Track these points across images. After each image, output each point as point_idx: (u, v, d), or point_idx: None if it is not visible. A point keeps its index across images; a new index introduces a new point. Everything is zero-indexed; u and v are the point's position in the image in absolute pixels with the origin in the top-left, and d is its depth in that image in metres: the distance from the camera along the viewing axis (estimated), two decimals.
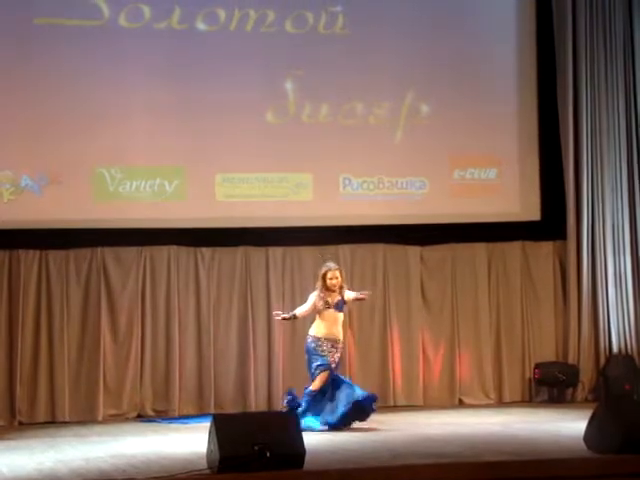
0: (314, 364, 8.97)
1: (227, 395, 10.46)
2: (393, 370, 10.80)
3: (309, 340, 9.07)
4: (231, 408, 10.35)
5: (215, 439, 6.67)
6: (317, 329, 9.06)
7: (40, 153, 10.15)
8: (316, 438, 8.24)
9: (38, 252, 10.23)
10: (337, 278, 9.09)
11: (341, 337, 9.12)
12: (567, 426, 8.76)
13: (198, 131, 10.47)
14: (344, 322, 9.29)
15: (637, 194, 11.13)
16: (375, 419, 9.12)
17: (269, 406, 10.50)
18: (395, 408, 10.57)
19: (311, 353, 9.03)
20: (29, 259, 10.20)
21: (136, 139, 10.35)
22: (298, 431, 6.90)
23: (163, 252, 10.48)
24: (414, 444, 8.02)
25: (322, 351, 8.98)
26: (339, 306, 9.10)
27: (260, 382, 10.53)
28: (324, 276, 9.12)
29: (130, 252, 10.40)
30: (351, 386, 9.02)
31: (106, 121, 10.26)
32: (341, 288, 9.12)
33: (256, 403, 10.47)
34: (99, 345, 10.22)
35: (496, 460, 7.08)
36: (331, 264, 9.24)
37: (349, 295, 9.16)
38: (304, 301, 9.29)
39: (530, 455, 7.30)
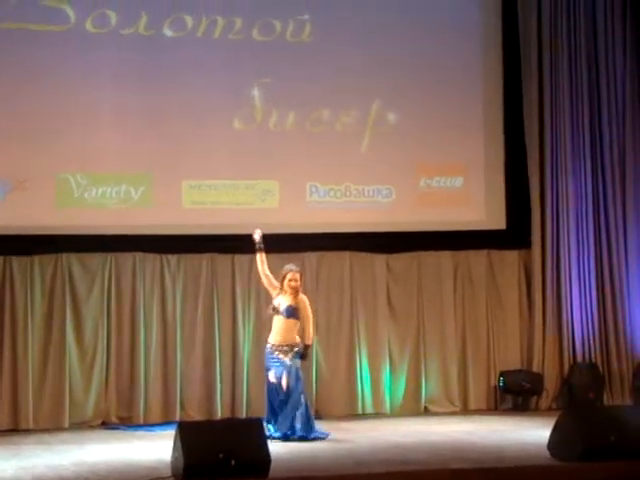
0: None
1: (192, 401, 10.43)
2: (360, 378, 10.80)
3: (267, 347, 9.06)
4: (197, 414, 10.34)
5: (180, 446, 6.69)
6: (271, 336, 9.05)
7: (3, 158, 10.07)
8: (281, 446, 8.22)
9: (1, 258, 10.14)
10: (297, 281, 9.06)
11: (294, 342, 9.04)
12: (531, 434, 8.84)
13: (165, 137, 10.44)
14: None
15: (601, 202, 11.20)
16: (341, 427, 9.15)
17: (233, 412, 10.47)
18: (362, 416, 10.58)
19: (266, 360, 9.01)
20: None
21: (102, 145, 10.29)
22: (263, 438, 6.90)
23: (129, 259, 10.44)
24: (380, 452, 8.05)
25: (273, 359, 8.95)
26: (289, 312, 9.03)
27: (225, 388, 10.50)
28: (284, 278, 9.09)
29: (95, 258, 10.35)
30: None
31: (72, 126, 10.20)
32: (297, 292, 9.07)
33: (222, 409, 10.44)
34: (64, 352, 10.15)
35: (461, 467, 7.10)
36: (292, 266, 9.22)
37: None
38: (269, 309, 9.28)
39: (495, 462, 7.36)
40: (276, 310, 9.05)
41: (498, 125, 11.25)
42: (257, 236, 9.25)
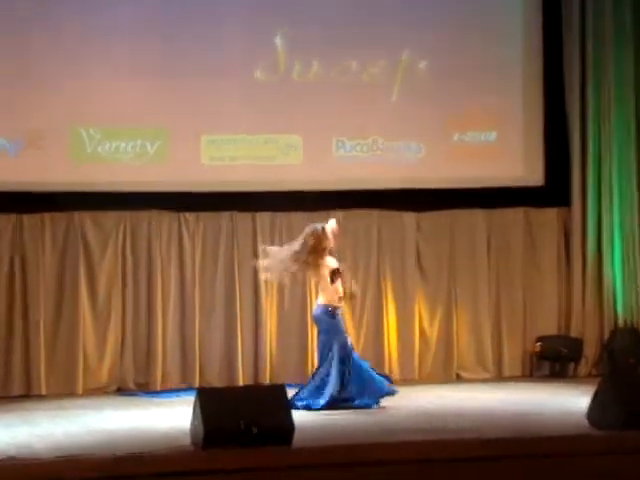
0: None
1: (212, 368, 10.48)
2: (388, 342, 10.83)
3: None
4: (217, 382, 10.37)
5: (199, 414, 6.70)
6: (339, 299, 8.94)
7: (15, 111, 10.08)
8: (306, 414, 8.26)
9: (13, 216, 10.19)
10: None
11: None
12: (569, 402, 8.82)
13: (182, 89, 10.42)
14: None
15: None
16: None
17: (256, 379, 10.51)
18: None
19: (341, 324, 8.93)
20: (2, 223, 10.17)
21: (117, 98, 10.29)
22: (286, 406, 6.91)
23: (144, 217, 10.46)
24: (407, 420, 8.06)
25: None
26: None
27: (247, 355, 10.54)
28: (325, 237, 8.90)
29: (110, 217, 10.38)
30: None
31: (86, 79, 10.19)
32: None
33: (243, 377, 10.47)
34: (77, 315, 10.20)
35: (496, 437, 7.11)
36: (331, 222, 9.09)
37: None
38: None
39: (531, 432, 7.34)
40: (340, 273, 9.00)
41: (537, 74, 11.12)
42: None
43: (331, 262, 8.97)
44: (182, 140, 10.47)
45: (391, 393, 8.85)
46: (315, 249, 8.89)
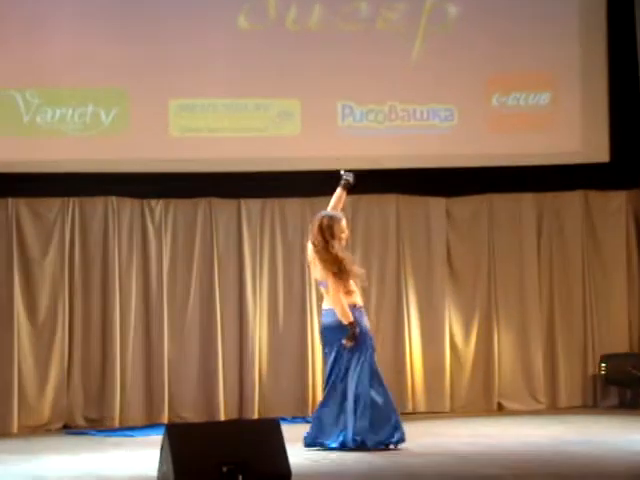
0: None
1: (185, 399, 10.52)
2: (411, 364, 10.86)
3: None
4: (191, 417, 10.42)
5: (169, 457, 6.69)
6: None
7: None
8: (305, 455, 8.25)
9: None
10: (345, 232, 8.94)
11: None
12: None
13: (145, 41, 10.45)
14: None
15: None
16: None
17: (241, 413, 10.54)
18: (413, 416, 10.61)
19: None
20: None
21: (61, 52, 10.32)
22: (281, 445, 6.90)
23: (98, 205, 10.49)
24: (437, 464, 8.04)
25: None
26: None
27: (230, 381, 10.56)
28: (334, 230, 8.77)
29: (52, 204, 10.41)
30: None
31: (20, 28, 10.22)
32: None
33: (225, 410, 10.50)
34: (11, 331, 10.22)
35: None
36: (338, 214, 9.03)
37: None
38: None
39: None
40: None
41: (600, 22, 11.14)
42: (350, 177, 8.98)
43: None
44: (145, 106, 10.49)
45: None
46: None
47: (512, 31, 10.99)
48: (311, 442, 8.61)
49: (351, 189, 8.88)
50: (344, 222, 8.72)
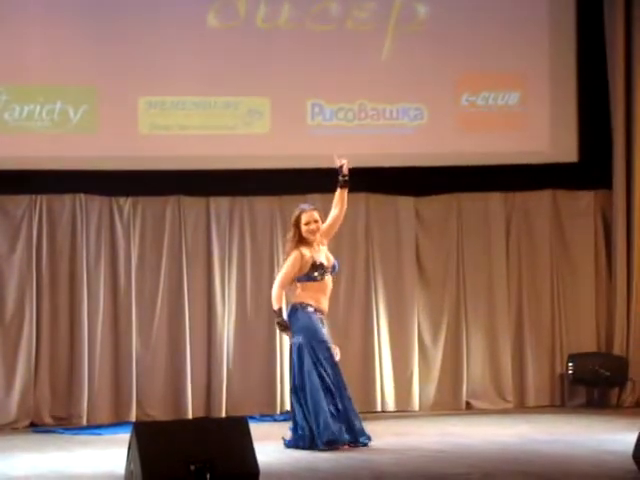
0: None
1: (153, 396, 10.50)
2: (380, 364, 10.85)
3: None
4: (159, 415, 10.40)
5: (136, 455, 6.68)
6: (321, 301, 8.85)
7: None
8: (273, 454, 8.25)
9: None
10: (317, 221, 8.92)
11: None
12: (611, 439, 8.83)
13: (116, 39, 10.44)
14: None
15: None
16: None
17: (209, 411, 10.54)
18: (382, 415, 10.64)
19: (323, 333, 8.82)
20: None
21: (30, 49, 10.30)
22: (249, 443, 6.90)
23: (65, 203, 10.46)
24: (405, 463, 8.04)
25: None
26: (335, 267, 8.95)
27: (198, 379, 10.55)
28: (297, 223, 8.86)
29: (19, 202, 10.38)
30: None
31: None
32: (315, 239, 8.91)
33: (193, 408, 10.49)
34: None
35: None
36: (304, 205, 9.05)
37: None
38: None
39: (560, 478, 7.32)
40: (325, 269, 8.90)
41: (569, 23, 11.15)
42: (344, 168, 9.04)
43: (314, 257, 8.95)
44: (114, 103, 10.47)
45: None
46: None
47: (482, 31, 11.01)
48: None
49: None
50: (315, 214, 8.80)
